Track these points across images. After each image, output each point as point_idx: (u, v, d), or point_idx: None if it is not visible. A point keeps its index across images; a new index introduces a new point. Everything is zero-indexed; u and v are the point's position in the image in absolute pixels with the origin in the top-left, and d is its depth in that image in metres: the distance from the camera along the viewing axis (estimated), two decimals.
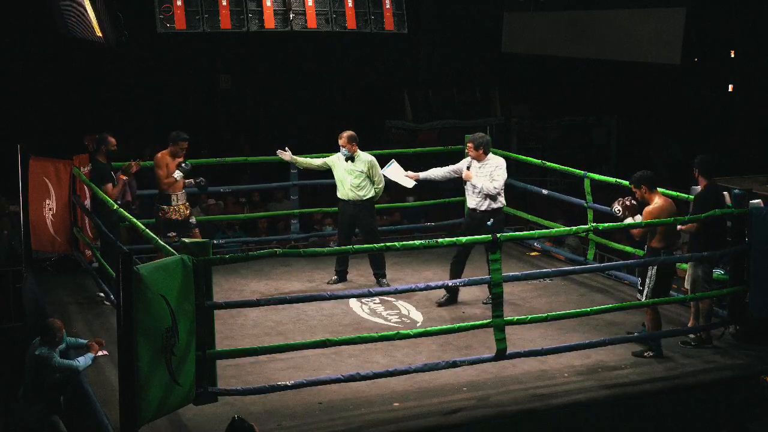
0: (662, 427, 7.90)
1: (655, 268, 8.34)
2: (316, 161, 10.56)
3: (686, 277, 8.92)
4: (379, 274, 10.39)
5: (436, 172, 10.12)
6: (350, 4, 13.19)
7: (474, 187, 9.68)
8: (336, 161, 10.30)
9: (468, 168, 9.77)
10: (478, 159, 9.71)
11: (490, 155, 9.78)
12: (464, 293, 9.85)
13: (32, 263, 10.67)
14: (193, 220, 10.20)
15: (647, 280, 8.38)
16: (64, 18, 15.22)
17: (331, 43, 18.04)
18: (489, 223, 9.53)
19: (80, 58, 16.81)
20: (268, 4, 12.67)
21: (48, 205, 10.36)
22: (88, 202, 10.02)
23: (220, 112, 18.87)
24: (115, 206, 8.81)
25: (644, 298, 8.43)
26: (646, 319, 8.60)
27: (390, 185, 10.81)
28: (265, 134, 18.57)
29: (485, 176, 9.65)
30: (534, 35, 19.38)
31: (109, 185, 9.66)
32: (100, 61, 16.80)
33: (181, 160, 10.00)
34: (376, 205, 10.55)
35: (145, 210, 10.86)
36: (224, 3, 12.51)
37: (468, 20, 20.31)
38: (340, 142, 10.20)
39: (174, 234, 9.80)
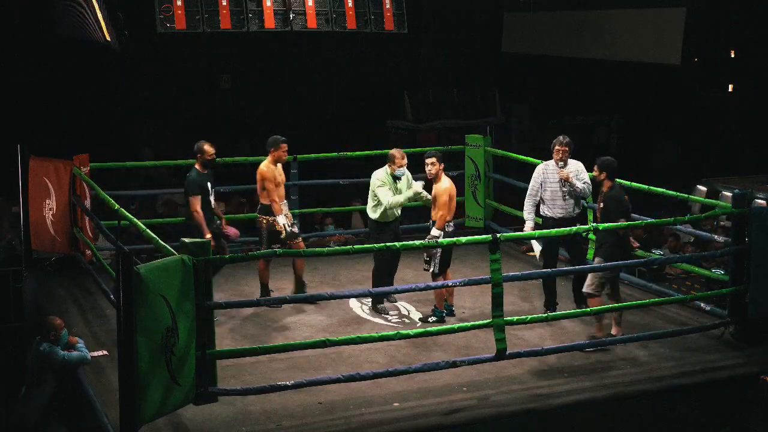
0: (662, 427, 7.90)
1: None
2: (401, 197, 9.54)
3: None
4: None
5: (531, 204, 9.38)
6: (350, 4, 13.21)
7: (563, 192, 9.15)
8: (389, 185, 9.51)
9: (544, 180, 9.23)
10: (564, 161, 9.13)
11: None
12: (465, 293, 9.83)
13: (32, 263, 10.67)
14: (296, 228, 9.55)
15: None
16: (64, 18, 15.22)
17: (331, 43, 18.05)
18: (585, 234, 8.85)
19: (80, 58, 16.80)
20: (268, 4, 12.69)
21: (48, 205, 10.35)
22: (88, 202, 10.01)
23: (220, 112, 18.86)
24: (116, 206, 8.77)
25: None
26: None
27: None
28: (265, 134, 18.55)
29: (574, 177, 9.13)
30: (534, 35, 19.39)
31: (196, 198, 8.98)
32: (100, 62, 16.80)
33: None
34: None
35: (146, 210, 10.85)
36: (224, 3, 12.54)
37: (468, 20, 20.32)
38: (403, 161, 9.34)
39: (278, 245, 9.15)
